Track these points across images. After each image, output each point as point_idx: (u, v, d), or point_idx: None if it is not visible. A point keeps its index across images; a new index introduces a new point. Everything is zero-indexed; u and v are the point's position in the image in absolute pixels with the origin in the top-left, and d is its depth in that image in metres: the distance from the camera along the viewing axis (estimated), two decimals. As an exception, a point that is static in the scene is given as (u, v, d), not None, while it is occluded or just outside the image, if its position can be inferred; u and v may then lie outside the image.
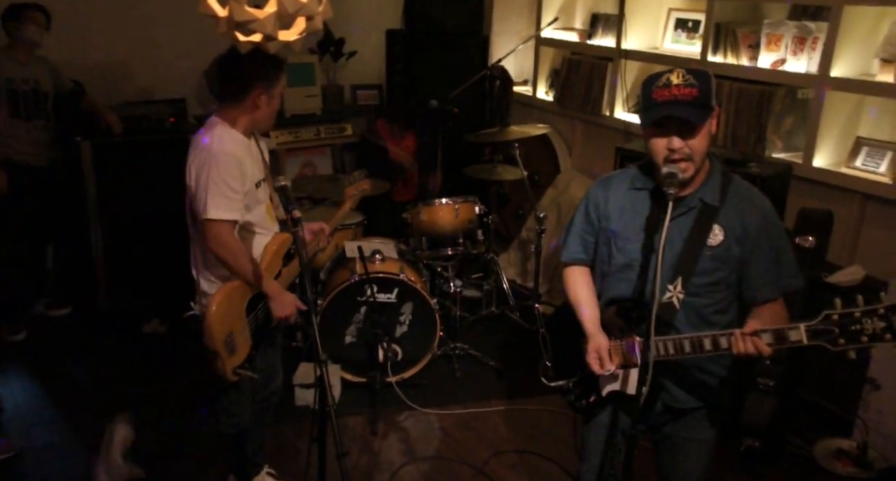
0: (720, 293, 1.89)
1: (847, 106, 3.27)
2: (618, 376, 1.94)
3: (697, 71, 1.80)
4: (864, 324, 1.62)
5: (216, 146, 2.27)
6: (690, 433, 2.01)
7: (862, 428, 2.87)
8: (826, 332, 1.65)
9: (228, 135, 2.32)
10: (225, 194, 2.24)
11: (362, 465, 3.06)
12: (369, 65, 5.36)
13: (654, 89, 1.79)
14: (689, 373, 1.94)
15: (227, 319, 2.32)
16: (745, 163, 3.15)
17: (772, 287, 1.88)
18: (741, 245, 1.85)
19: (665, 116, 1.77)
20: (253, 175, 2.37)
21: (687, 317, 1.88)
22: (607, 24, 4.46)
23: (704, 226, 1.85)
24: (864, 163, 3.19)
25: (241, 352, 2.39)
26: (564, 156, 4.85)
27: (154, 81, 4.66)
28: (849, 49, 3.16)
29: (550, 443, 3.19)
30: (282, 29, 1.87)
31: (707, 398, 1.97)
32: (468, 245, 3.90)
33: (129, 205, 4.04)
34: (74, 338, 4.00)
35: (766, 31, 3.47)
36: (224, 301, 2.31)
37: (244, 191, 2.30)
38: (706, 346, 1.78)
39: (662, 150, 1.80)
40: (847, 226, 3.20)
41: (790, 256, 1.91)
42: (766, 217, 1.87)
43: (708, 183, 1.88)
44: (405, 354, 3.59)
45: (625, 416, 2.01)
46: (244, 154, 2.34)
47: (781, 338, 1.70)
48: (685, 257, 1.84)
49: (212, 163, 2.24)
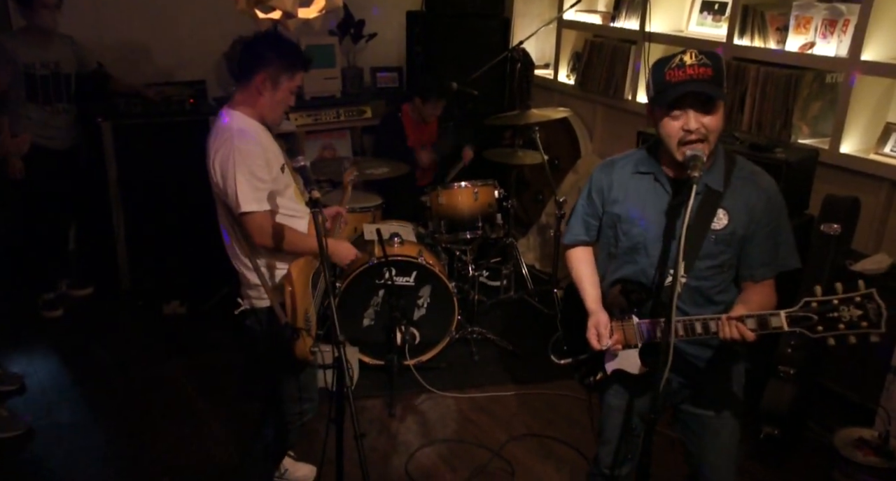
0: (724, 274, 1.91)
1: (878, 91, 3.20)
2: (618, 354, 1.97)
3: (709, 52, 1.78)
4: (842, 312, 1.61)
5: (237, 138, 2.19)
6: (710, 409, 2.02)
7: (884, 417, 2.83)
8: (805, 319, 1.65)
9: (246, 123, 2.25)
10: (254, 186, 2.19)
11: (380, 447, 3.08)
12: (389, 47, 5.33)
13: (668, 70, 1.76)
14: (694, 350, 1.96)
15: (303, 296, 2.28)
16: (771, 148, 3.09)
17: (769, 267, 1.89)
18: (745, 227, 1.86)
19: (683, 95, 1.75)
20: (277, 160, 2.32)
21: (692, 298, 1.89)
22: (632, 6, 4.38)
23: (709, 210, 1.85)
24: (894, 149, 3.12)
25: (314, 329, 2.37)
26: (585, 140, 4.80)
27: (174, 63, 4.66)
28: (881, 32, 3.07)
29: (567, 427, 3.19)
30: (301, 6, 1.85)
31: (718, 373, 1.99)
32: (487, 229, 3.89)
33: (149, 187, 4.07)
34: (96, 318, 4.05)
35: (796, 13, 3.39)
36: (299, 277, 2.25)
37: (272, 177, 2.25)
38: (698, 330, 1.81)
39: (678, 132, 1.78)
40: (874, 213, 3.14)
41: (790, 236, 1.91)
42: (770, 199, 1.87)
43: (713, 168, 1.87)
44: (423, 337, 3.59)
45: (640, 399, 2.01)
46: (265, 140, 2.29)
47: (764, 323, 1.71)
48: (689, 242, 1.82)
49: (236, 155, 2.17)
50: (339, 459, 2.15)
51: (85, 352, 3.73)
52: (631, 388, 2.04)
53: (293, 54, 2.27)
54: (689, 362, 1.98)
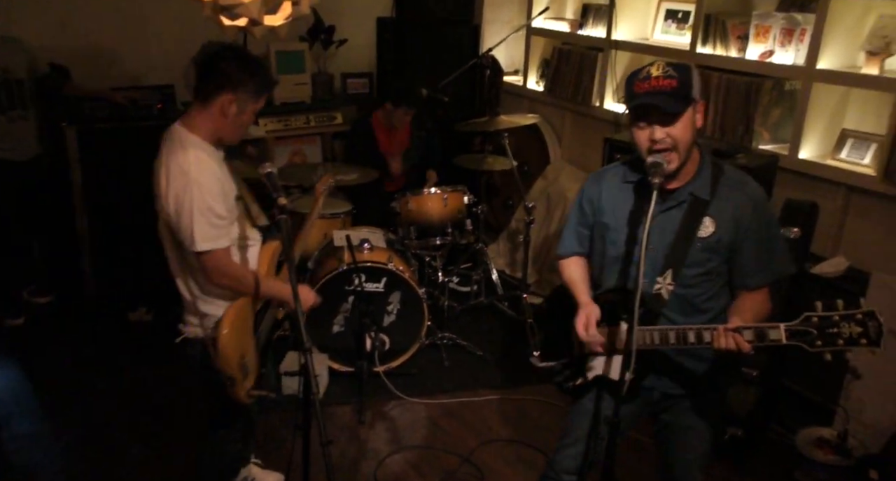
0: (712, 282, 1.93)
1: (833, 98, 3.28)
2: (602, 361, 1.97)
3: (679, 64, 1.83)
4: (842, 328, 1.65)
5: (195, 170, 2.04)
6: (688, 420, 2.04)
7: (843, 416, 2.90)
8: (804, 333, 1.69)
9: (204, 152, 2.10)
10: (212, 223, 2.06)
11: (349, 454, 3.07)
12: (360, 53, 5.33)
13: (636, 82, 1.82)
14: (683, 360, 1.98)
15: (240, 339, 2.18)
16: (733, 154, 3.16)
17: (764, 274, 1.91)
18: (732, 235, 1.88)
19: (642, 106, 1.80)
20: (232, 190, 2.19)
21: (680, 307, 1.91)
22: (598, 15, 4.45)
23: (695, 218, 1.88)
24: (849, 155, 3.20)
25: (253, 373, 2.27)
26: (554, 146, 4.85)
27: (142, 67, 4.61)
28: (835, 41, 3.16)
29: (537, 433, 3.21)
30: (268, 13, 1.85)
31: (703, 384, 2.01)
32: (456, 235, 3.91)
33: (115, 193, 4.02)
34: (60, 326, 3.98)
35: (755, 22, 3.47)
36: (235, 321, 2.15)
37: (228, 210, 2.14)
38: (690, 339, 1.81)
39: (645, 142, 1.83)
40: (832, 217, 3.22)
41: (782, 244, 1.95)
42: (757, 207, 1.90)
43: (698, 176, 1.90)
44: (393, 344, 3.60)
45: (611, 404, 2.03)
46: (221, 170, 2.15)
47: (762, 335, 1.73)
48: (676, 249, 1.87)
49: (194, 190, 2.03)
50: (306, 467, 2.15)
51: (47, 361, 3.67)
52: (610, 394, 2.04)
53: (263, 78, 2.17)
54: (682, 374, 1.99)
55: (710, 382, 2.02)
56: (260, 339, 2.33)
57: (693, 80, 1.81)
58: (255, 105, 2.15)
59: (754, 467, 3.02)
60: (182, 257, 2.18)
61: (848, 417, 2.88)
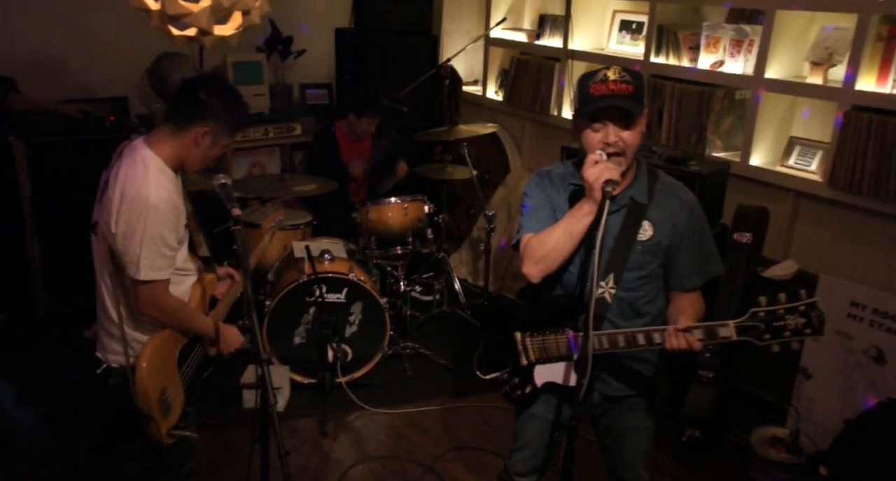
0: (650, 285, 1.97)
1: (781, 106, 3.39)
2: (550, 367, 2.00)
3: (631, 70, 1.86)
4: (787, 321, 1.70)
5: (154, 195, 1.95)
6: (631, 421, 2.08)
7: (794, 415, 2.98)
8: (753, 328, 1.73)
9: (165, 177, 2.02)
10: (161, 252, 1.98)
11: (311, 466, 3.04)
12: (319, 63, 5.32)
13: (591, 84, 1.83)
14: (623, 363, 2.01)
15: (161, 374, 2.06)
16: (686, 161, 3.23)
17: (698, 275, 1.98)
18: (670, 238, 1.93)
19: (603, 109, 1.81)
20: (183, 217, 2.10)
21: (621, 310, 1.94)
22: (555, 25, 4.52)
23: (634, 222, 1.91)
24: (797, 161, 3.31)
25: (176, 410, 2.14)
26: (514, 155, 4.90)
27: (93, 78, 4.53)
28: (782, 52, 3.27)
29: (500, 439, 3.22)
30: (218, 23, 1.83)
31: (642, 385, 2.05)
32: (418, 244, 3.91)
33: (67, 207, 3.92)
34: (12, 344, 3.86)
35: (706, 33, 3.57)
36: (156, 354, 2.05)
37: (178, 241, 2.06)
38: (640, 341, 1.84)
39: (597, 144, 1.85)
40: (782, 222, 3.31)
41: (713, 246, 2.01)
42: (691, 211, 1.96)
43: (636, 181, 1.94)
44: (355, 354, 3.58)
45: (564, 408, 2.06)
46: (178, 197, 2.07)
47: (712, 334, 1.77)
48: (616, 254, 1.89)
49: (149, 216, 1.94)
50: (265, 478, 2.12)
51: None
52: (558, 398, 2.07)
53: (242, 115, 2.12)
54: (623, 376, 2.03)
55: (648, 383, 2.06)
56: (186, 376, 2.21)
57: (645, 87, 1.86)
58: (228, 139, 2.11)
59: (712, 467, 3.08)
60: (118, 279, 2.06)
61: (799, 416, 2.96)
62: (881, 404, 2.76)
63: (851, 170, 2.97)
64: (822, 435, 2.90)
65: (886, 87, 2.91)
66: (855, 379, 2.89)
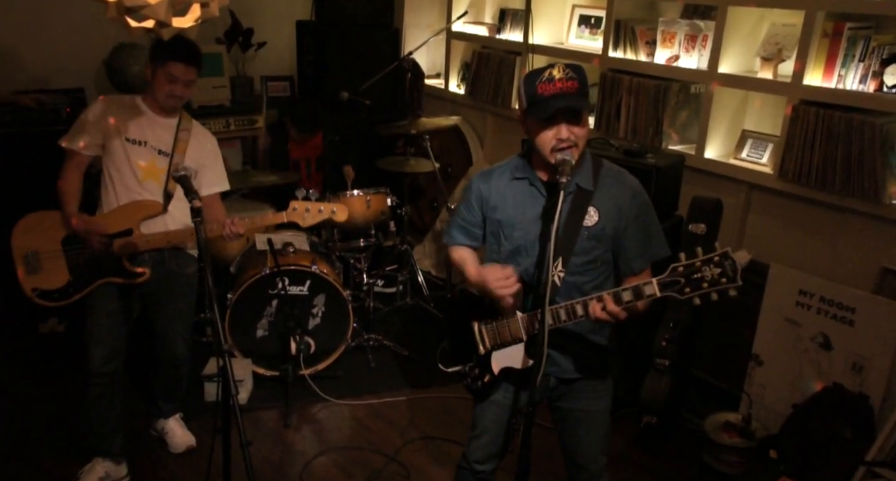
0: (597, 270, 2.04)
1: (734, 101, 3.48)
2: (504, 352, 2.05)
3: (573, 65, 1.91)
4: (704, 272, 1.77)
5: (108, 97, 2.71)
6: (586, 403, 2.14)
7: (747, 401, 3.08)
8: (674, 283, 1.79)
9: (125, 96, 2.76)
10: (76, 127, 2.65)
11: (274, 458, 3.05)
12: (280, 56, 5.28)
13: (539, 84, 1.88)
14: (574, 345, 2.07)
15: (31, 237, 2.69)
16: (643, 154, 3.30)
17: (643, 257, 2.05)
18: (615, 223, 2.00)
19: (560, 110, 1.86)
20: (127, 131, 2.64)
21: (569, 293, 2.00)
22: (515, 20, 4.56)
23: (580, 208, 1.98)
24: (749, 154, 3.41)
25: (51, 278, 2.70)
26: (476, 148, 4.94)
27: (49, 69, 4.42)
28: (734, 47, 3.36)
29: (462, 430, 3.23)
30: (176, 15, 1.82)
31: (594, 366, 2.12)
32: (381, 236, 3.93)
33: (21, 199, 3.83)
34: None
35: (662, 28, 3.65)
36: (33, 221, 2.71)
37: (101, 129, 2.63)
38: (578, 312, 1.91)
39: (551, 141, 1.90)
40: (735, 213, 3.41)
41: (658, 229, 2.08)
42: (636, 195, 2.03)
43: (581, 169, 2.00)
44: (318, 346, 3.58)
45: (521, 395, 2.10)
46: (126, 110, 2.67)
47: (638, 293, 1.84)
48: (564, 239, 1.95)
49: (92, 102, 2.70)
50: (227, 470, 2.12)
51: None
52: (515, 385, 2.13)
53: (164, 47, 2.56)
54: (575, 358, 2.09)
55: (600, 365, 2.13)
56: (71, 256, 2.71)
57: (587, 79, 1.91)
58: (162, 69, 2.62)
59: (668, 452, 3.17)
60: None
61: (751, 402, 3.06)
62: (827, 389, 2.88)
63: (800, 163, 3.07)
64: (773, 420, 3.00)
65: (832, 81, 3.01)
66: (803, 365, 3.00)
